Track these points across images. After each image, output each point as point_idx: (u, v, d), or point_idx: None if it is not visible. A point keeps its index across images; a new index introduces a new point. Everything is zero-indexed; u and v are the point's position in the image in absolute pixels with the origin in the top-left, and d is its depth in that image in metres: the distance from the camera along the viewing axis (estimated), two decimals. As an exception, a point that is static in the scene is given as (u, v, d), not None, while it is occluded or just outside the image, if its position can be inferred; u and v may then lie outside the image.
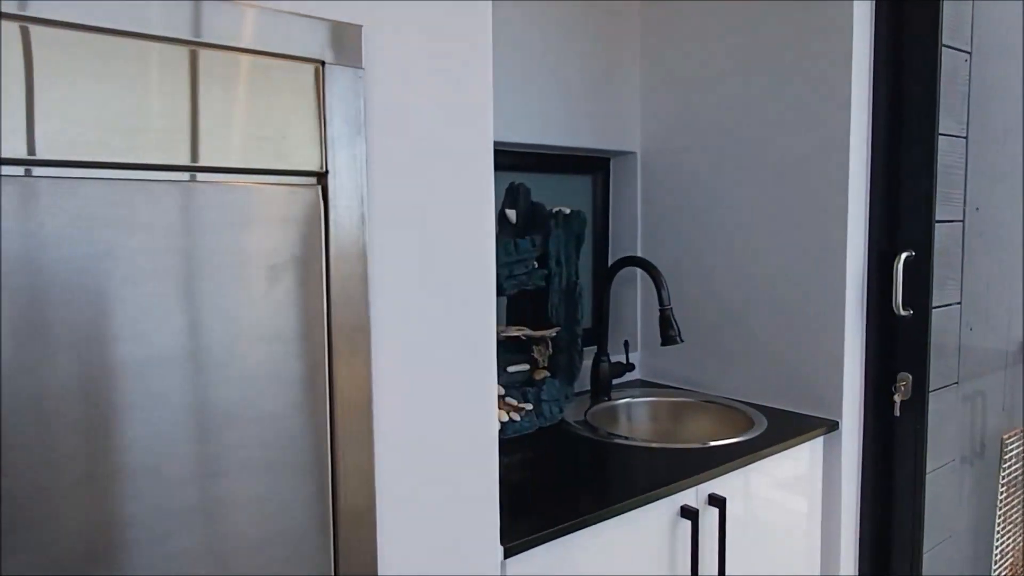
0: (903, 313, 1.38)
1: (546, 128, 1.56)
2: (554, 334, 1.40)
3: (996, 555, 1.95)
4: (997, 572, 1.97)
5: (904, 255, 1.37)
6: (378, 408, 0.75)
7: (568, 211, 1.38)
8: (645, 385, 1.73)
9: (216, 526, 0.63)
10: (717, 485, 1.19)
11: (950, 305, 1.69)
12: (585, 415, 1.47)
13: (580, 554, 1.01)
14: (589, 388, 1.64)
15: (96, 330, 0.56)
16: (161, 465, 0.59)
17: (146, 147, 0.57)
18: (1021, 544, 2.06)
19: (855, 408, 1.43)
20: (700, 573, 1.15)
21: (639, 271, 1.77)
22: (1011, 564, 2.03)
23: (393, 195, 0.75)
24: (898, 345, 1.42)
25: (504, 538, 0.90)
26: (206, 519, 0.62)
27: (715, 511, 1.17)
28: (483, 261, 0.84)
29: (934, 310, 1.55)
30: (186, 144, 0.60)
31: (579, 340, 1.41)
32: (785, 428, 1.35)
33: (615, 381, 1.69)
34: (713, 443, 1.28)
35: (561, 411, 1.40)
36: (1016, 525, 2.03)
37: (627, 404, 1.59)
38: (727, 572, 1.19)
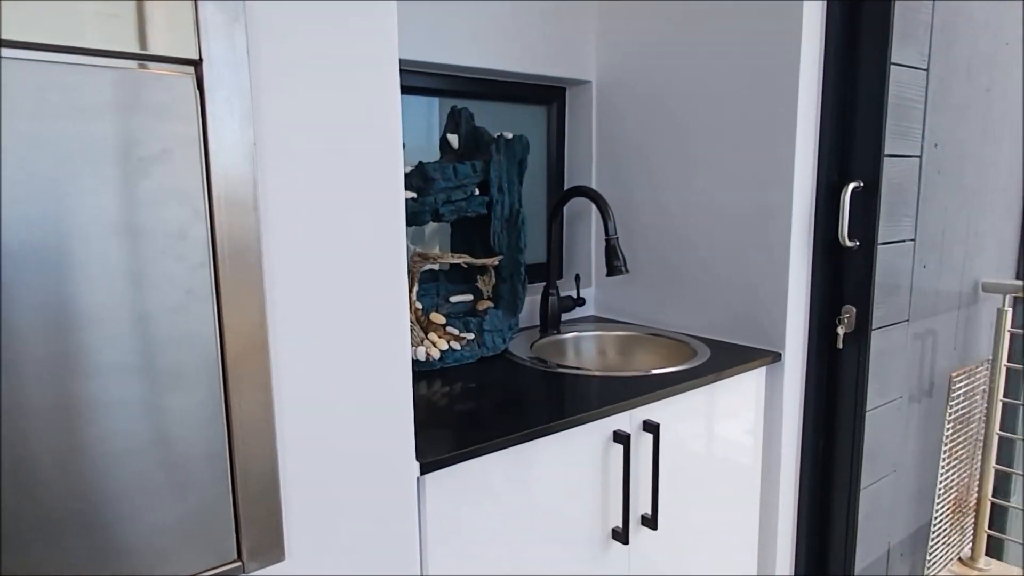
0: (849, 245, 1.37)
1: (499, 53, 1.51)
2: (496, 263, 1.37)
3: (940, 489, 2.00)
4: (941, 506, 2.02)
5: (851, 186, 1.35)
6: (272, 312, 0.73)
7: (510, 136, 1.34)
8: (596, 320, 1.72)
9: (85, 428, 0.61)
10: (652, 411, 1.19)
11: (903, 241, 1.68)
12: (531, 347, 1.46)
13: (506, 473, 1.00)
14: (539, 323, 1.63)
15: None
16: (17, 362, 0.57)
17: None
18: (966, 480, 2.11)
19: (799, 340, 1.42)
20: (634, 492, 1.16)
21: (592, 207, 1.74)
22: (955, 499, 2.08)
23: (284, 93, 0.71)
24: (843, 277, 1.41)
25: (425, 456, 0.89)
26: (69, 419, 0.60)
27: (649, 436, 1.17)
28: (389, 160, 0.81)
29: (886, 246, 1.54)
30: (33, 19, 0.55)
31: (522, 270, 1.38)
32: (727, 359, 1.35)
33: (565, 316, 1.68)
34: (653, 371, 1.27)
35: (504, 341, 1.38)
36: (961, 461, 2.07)
37: (575, 338, 1.58)
38: (661, 497, 1.20)
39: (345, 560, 0.82)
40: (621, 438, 1.13)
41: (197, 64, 0.63)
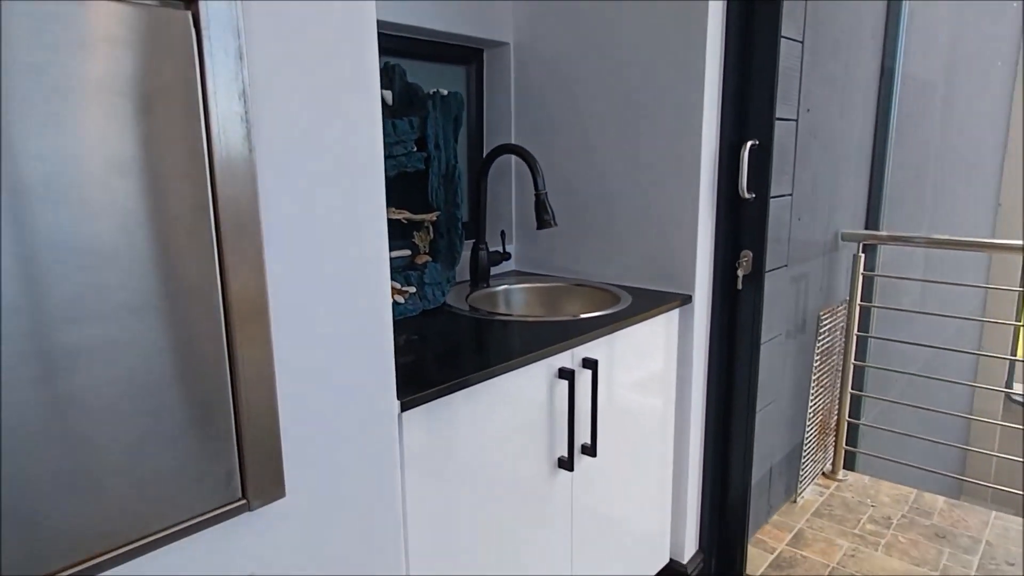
0: (747, 196, 1.54)
1: (420, 10, 1.52)
2: (435, 218, 1.41)
3: (810, 412, 2.31)
4: (810, 428, 2.33)
5: (749, 144, 1.52)
6: (271, 256, 0.74)
7: (445, 92, 1.38)
8: (519, 274, 1.80)
9: (101, 368, 0.61)
10: (589, 350, 1.30)
11: (783, 196, 1.91)
12: (466, 300, 1.52)
13: (470, 409, 1.07)
14: (468, 277, 1.69)
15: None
16: (42, 298, 0.56)
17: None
18: (829, 404, 2.45)
19: (706, 283, 1.59)
20: (577, 424, 1.27)
21: (513, 165, 1.81)
22: (821, 421, 2.41)
23: (275, 38, 0.72)
24: (742, 225, 1.59)
25: (403, 396, 0.93)
26: (89, 361, 0.59)
27: (588, 372, 1.28)
28: (367, 98, 0.83)
29: (773, 200, 1.74)
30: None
31: (459, 224, 1.44)
32: (646, 303, 1.48)
33: (492, 271, 1.75)
34: (584, 315, 1.38)
35: (443, 294, 1.43)
36: (826, 388, 2.39)
37: (505, 290, 1.66)
38: (599, 423, 1.32)
39: (337, 493, 0.85)
40: (566, 374, 1.23)
41: (192, 2, 0.63)
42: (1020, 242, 2.17)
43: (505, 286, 1.66)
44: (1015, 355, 4.35)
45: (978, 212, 4.41)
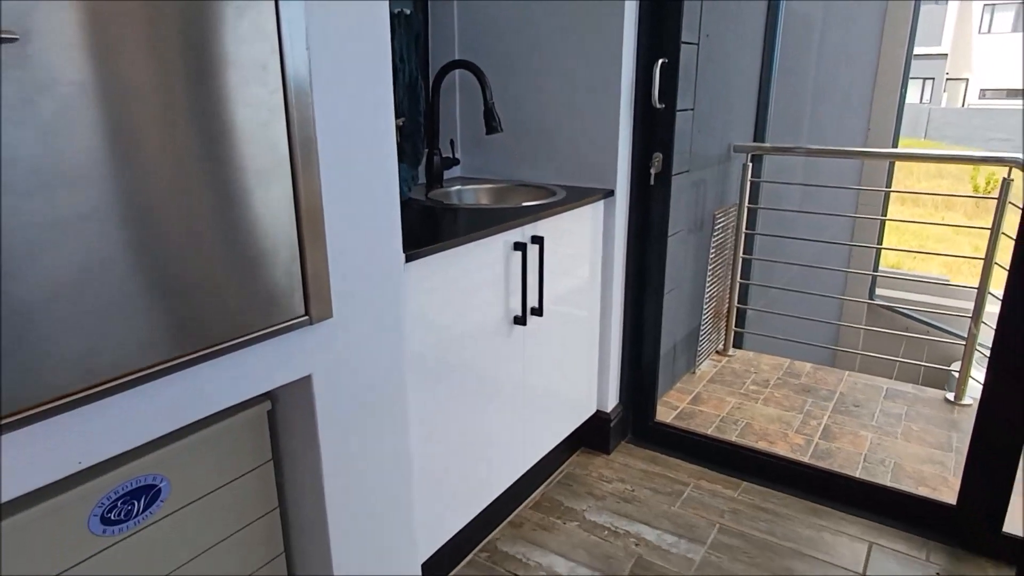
0: (659, 106, 1.86)
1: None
2: (401, 123, 1.65)
3: (707, 299, 2.74)
4: (706, 312, 2.77)
5: (660, 61, 1.83)
6: (320, 132, 0.98)
7: (408, 11, 1.59)
8: (468, 179, 2.07)
9: (220, 211, 0.85)
10: (535, 229, 1.60)
11: (687, 110, 2.25)
12: (427, 197, 1.78)
13: (453, 267, 1.36)
14: (424, 180, 1.93)
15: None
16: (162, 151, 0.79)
17: None
18: (722, 292, 2.90)
19: (625, 180, 1.92)
20: (528, 288, 1.58)
21: (457, 81, 2.05)
22: (715, 307, 2.86)
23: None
24: (654, 131, 1.91)
25: (405, 251, 1.20)
26: (217, 201, 0.84)
27: (536, 247, 1.59)
28: (379, 31, 1.06)
29: (679, 113, 2.07)
30: None
31: (422, 129, 1.68)
32: (578, 195, 1.80)
33: (444, 176, 2.00)
34: (527, 204, 1.68)
35: (409, 190, 1.69)
36: (720, 279, 2.84)
37: (458, 190, 1.92)
38: (545, 286, 1.64)
39: (366, 317, 1.13)
40: (519, 247, 1.54)
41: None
42: (886, 149, 2.63)
43: (458, 187, 1.93)
44: (880, 243, 5.07)
45: (852, 136, 5.01)
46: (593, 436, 2.13)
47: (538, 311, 1.64)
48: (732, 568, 1.66)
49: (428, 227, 1.46)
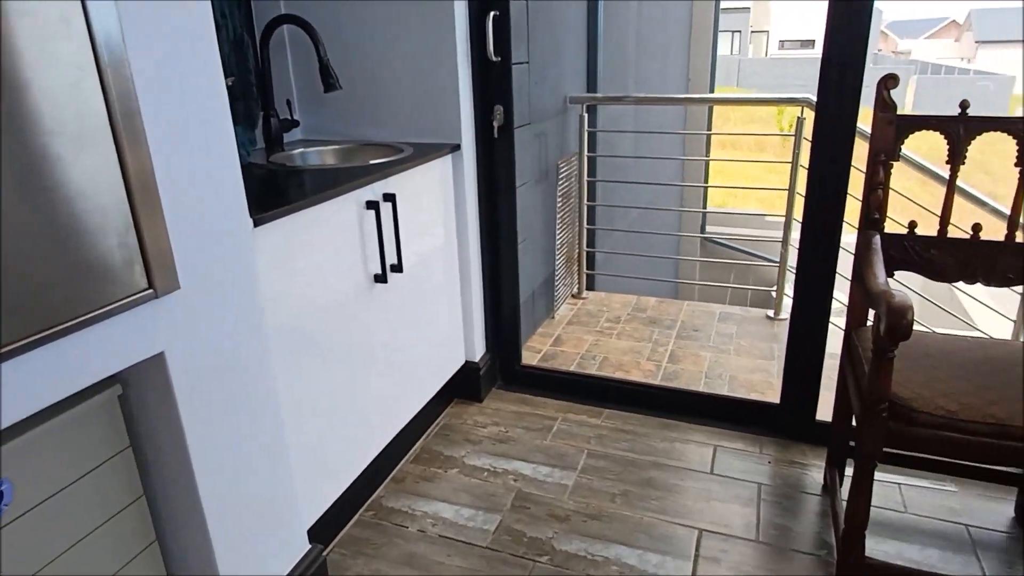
0: (495, 59, 1.90)
1: None
2: (230, 83, 1.55)
3: (558, 245, 2.88)
4: (559, 259, 2.91)
5: (492, 13, 1.86)
6: (149, 119, 0.91)
7: (226, -37, 1.49)
8: (309, 142, 2.00)
9: (35, 178, 0.77)
10: (386, 186, 1.59)
11: (522, 63, 2.31)
12: (267, 160, 1.70)
13: (306, 230, 1.32)
14: (263, 145, 1.84)
15: None
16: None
17: None
18: (572, 238, 3.05)
19: (470, 133, 1.95)
20: (386, 246, 1.58)
21: (287, 38, 1.95)
22: (566, 253, 3.01)
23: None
24: (493, 84, 1.95)
25: (253, 215, 1.16)
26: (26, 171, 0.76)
27: (389, 204, 1.59)
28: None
29: (515, 66, 2.12)
30: None
31: (254, 89, 1.59)
32: (426, 150, 1.80)
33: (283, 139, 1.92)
34: (374, 162, 1.66)
35: (248, 154, 1.60)
36: (569, 225, 2.98)
37: (302, 152, 1.85)
38: (403, 243, 1.65)
39: (215, 286, 1.08)
40: (372, 204, 1.53)
41: None
42: (706, 95, 2.86)
43: (301, 149, 1.86)
44: (706, 183, 5.55)
45: (675, 86, 5.38)
46: (465, 386, 2.19)
47: (398, 268, 1.65)
48: (602, 486, 1.81)
49: (274, 191, 1.40)
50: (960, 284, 1.63)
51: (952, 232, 1.57)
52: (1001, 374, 1.37)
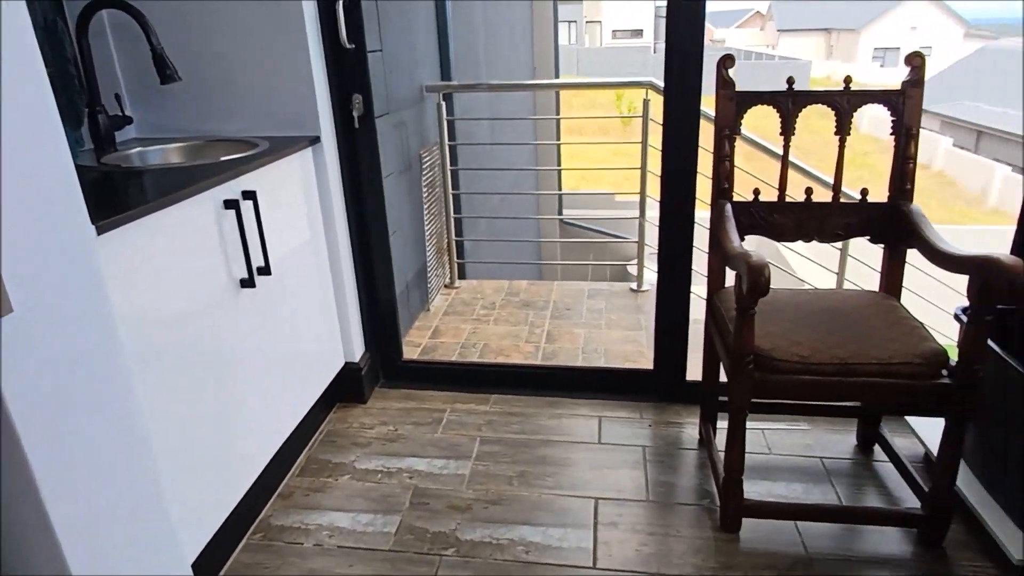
0: (349, 46, 1.82)
1: None
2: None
3: (428, 236, 2.84)
4: (429, 250, 2.88)
5: (341, 0, 1.78)
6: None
7: (27, -63, 1.29)
8: (147, 140, 1.80)
9: None
10: (245, 183, 1.48)
11: (376, 51, 2.24)
12: (99, 162, 1.51)
13: (159, 235, 1.19)
14: (92, 145, 1.63)
15: None
16: None
17: None
18: (441, 228, 3.03)
19: (329, 124, 1.86)
20: (251, 248, 1.47)
21: (107, 24, 1.74)
22: (436, 243, 2.98)
23: None
24: (349, 72, 1.87)
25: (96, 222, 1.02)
26: None
27: (250, 202, 1.48)
28: None
29: (369, 54, 2.05)
30: None
31: (75, 82, 1.40)
32: (283, 144, 1.69)
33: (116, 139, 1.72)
34: (226, 158, 1.54)
35: (75, 156, 1.41)
36: (436, 216, 2.95)
37: (140, 152, 1.67)
38: (268, 243, 1.54)
39: (56, 304, 0.94)
40: (231, 204, 1.41)
41: None
42: (556, 80, 2.93)
43: (138, 148, 1.67)
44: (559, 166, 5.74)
45: (522, 74, 5.49)
46: (347, 388, 2.10)
47: (265, 270, 1.54)
48: (498, 471, 1.81)
49: (115, 195, 1.25)
50: (789, 244, 1.81)
51: (788, 199, 1.73)
52: (838, 319, 1.53)
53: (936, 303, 2.44)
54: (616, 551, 1.52)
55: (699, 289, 2.00)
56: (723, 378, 1.73)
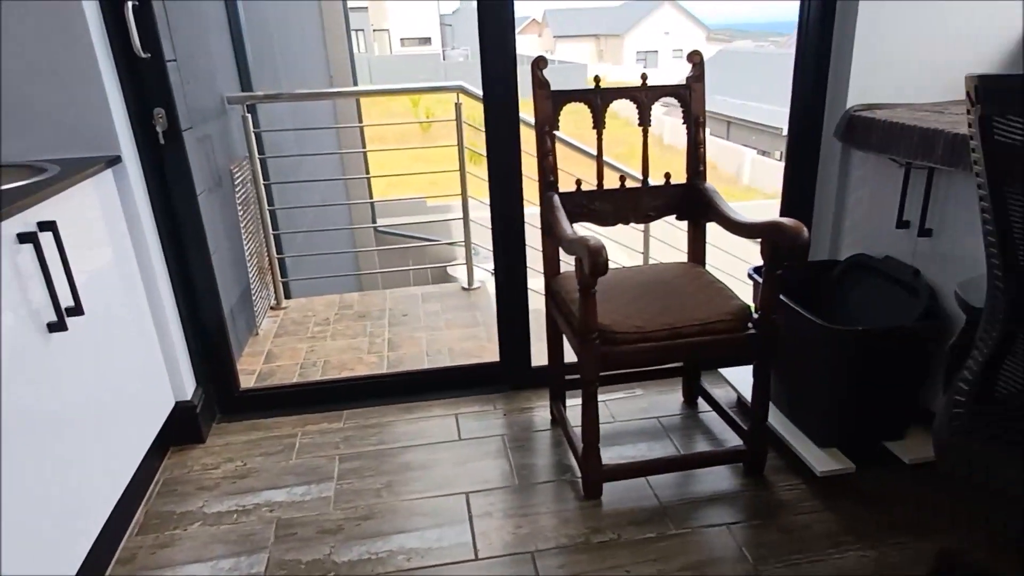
0: (144, 55, 1.66)
1: None
2: None
3: (248, 256, 2.67)
4: (251, 270, 2.71)
5: (130, 3, 1.61)
6: None
7: None
8: None
9: None
10: (40, 213, 1.29)
11: (170, 61, 2.05)
12: None
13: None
14: None
15: None
16: None
17: None
18: (260, 247, 2.86)
19: (129, 142, 1.68)
20: (57, 287, 1.28)
21: None
22: (257, 263, 2.81)
23: None
24: (147, 84, 1.70)
25: None
26: None
27: (50, 234, 1.29)
28: None
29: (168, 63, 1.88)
30: None
31: None
32: (77, 168, 1.49)
33: None
34: (9, 186, 1.33)
35: None
36: (254, 234, 2.78)
37: None
38: (77, 280, 1.36)
39: None
40: (27, 238, 1.22)
41: None
42: (363, 88, 2.88)
43: None
44: (369, 174, 5.66)
45: (321, 83, 5.34)
46: (181, 430, 1.91)
47: (76, 310, 1.35)
48: (364, 485, 1.77)
49: None
50: (602, 230, 1.99)
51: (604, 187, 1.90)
52: (661, 290, 1.72)
53: (722, 268, 2.82)
54: (495, 538, 1.57)
55: (531, 281, 2.13)
56: (567, 358, 1.85)
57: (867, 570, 1.42)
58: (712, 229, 1.87)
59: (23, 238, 1.22)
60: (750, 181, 14.26)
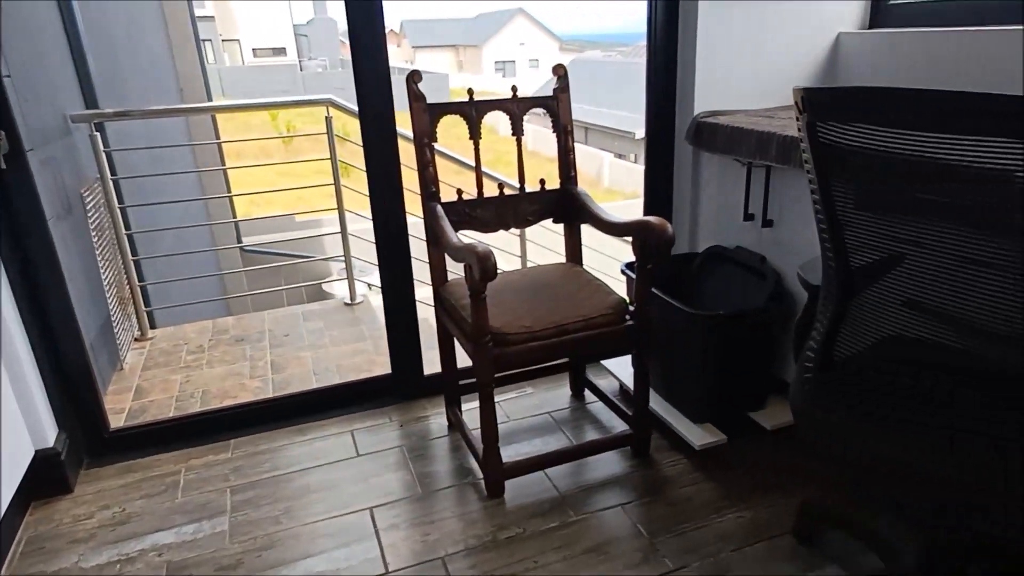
0: (-23, 73, 1.51)
1: None
2: None
3: (106, 286, 2.47)
4: (111, 301, 2.51)
5: (-43, 16, 1.47)
6: None
7: None
8: None
9: None
10: None
11: (7, 77, 1.87)
12: None
13: None
14: None
15: None
16: None
17: None
18: (119, 275, 2.64)
19: (-35, 169, 1.52)
20: None
21: None
22: (117, 294, 2.60)
23: None
24: (-18, 104, 1.55)
25: None
26: None
27: None
28: None
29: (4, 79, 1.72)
30: None
31: None
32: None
33: None
34: None
35: None
36: (111, 262, 2.57)
37: None
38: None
39: None
40: None
41: None
42: (206, 103, 2.76)
43: None
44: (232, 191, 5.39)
45: (169, 98, 5.00)
46: (44, 481, 1.74)
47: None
48: (260, 514, 1.71)
49: None
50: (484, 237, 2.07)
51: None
52: (545, 290, 1.82)
53: (595, 266, 2.99)
54: (403, 549, 1.58)
55: (417, 290, 2.15)
56: (461, 364, 1.90)
57: (744, 530, 1.59)
58: (583, 229, 2.00)
59: None
60: (610, 183, 15.06)
